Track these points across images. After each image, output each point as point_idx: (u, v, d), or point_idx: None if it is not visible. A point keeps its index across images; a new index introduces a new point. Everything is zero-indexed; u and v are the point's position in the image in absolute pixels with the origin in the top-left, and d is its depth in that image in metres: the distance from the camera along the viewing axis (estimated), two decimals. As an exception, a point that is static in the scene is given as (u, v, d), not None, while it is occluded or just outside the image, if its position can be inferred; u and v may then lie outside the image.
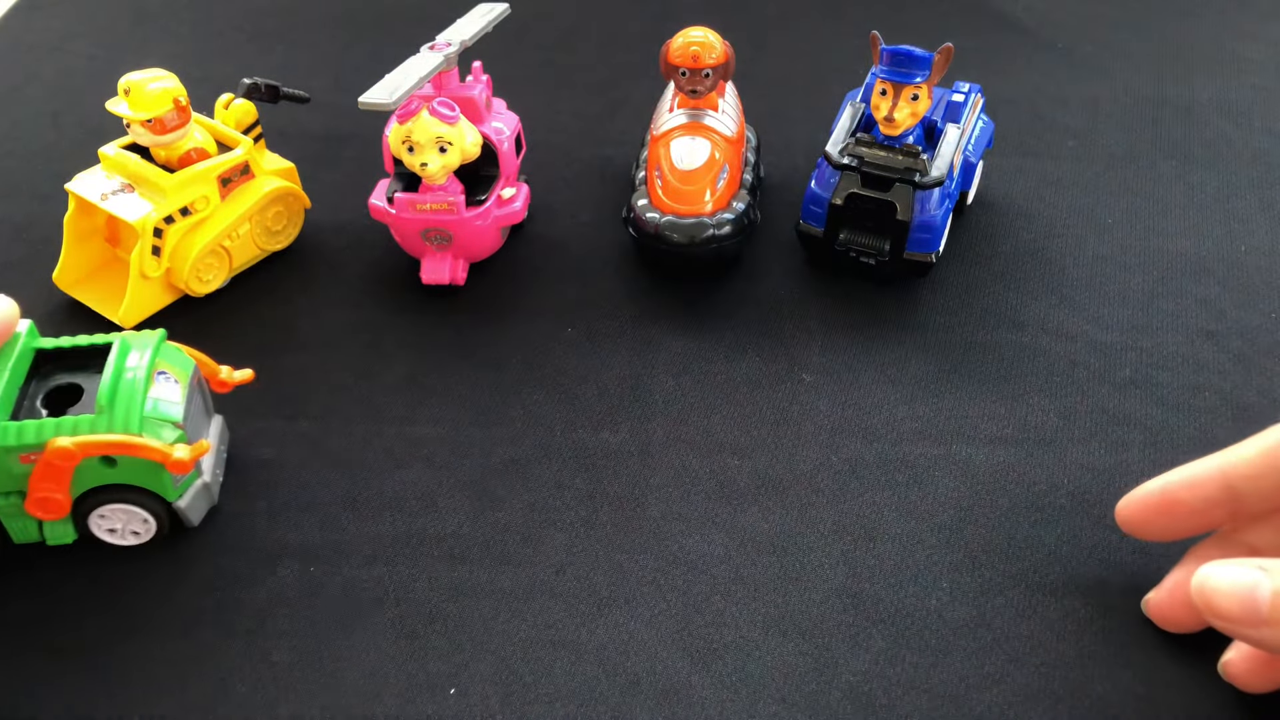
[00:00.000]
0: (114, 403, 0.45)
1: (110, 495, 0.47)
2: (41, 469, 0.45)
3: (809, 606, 0.46)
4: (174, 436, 0.46)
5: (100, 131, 0.63)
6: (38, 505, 0.46)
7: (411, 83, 0.55)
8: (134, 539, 0.48)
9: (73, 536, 0.48)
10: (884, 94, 0.56)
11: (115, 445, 0.45)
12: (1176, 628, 0.45)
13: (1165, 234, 0.65)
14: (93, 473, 0.46)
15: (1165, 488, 0.44)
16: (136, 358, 0.47)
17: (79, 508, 0.47)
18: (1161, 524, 0.45)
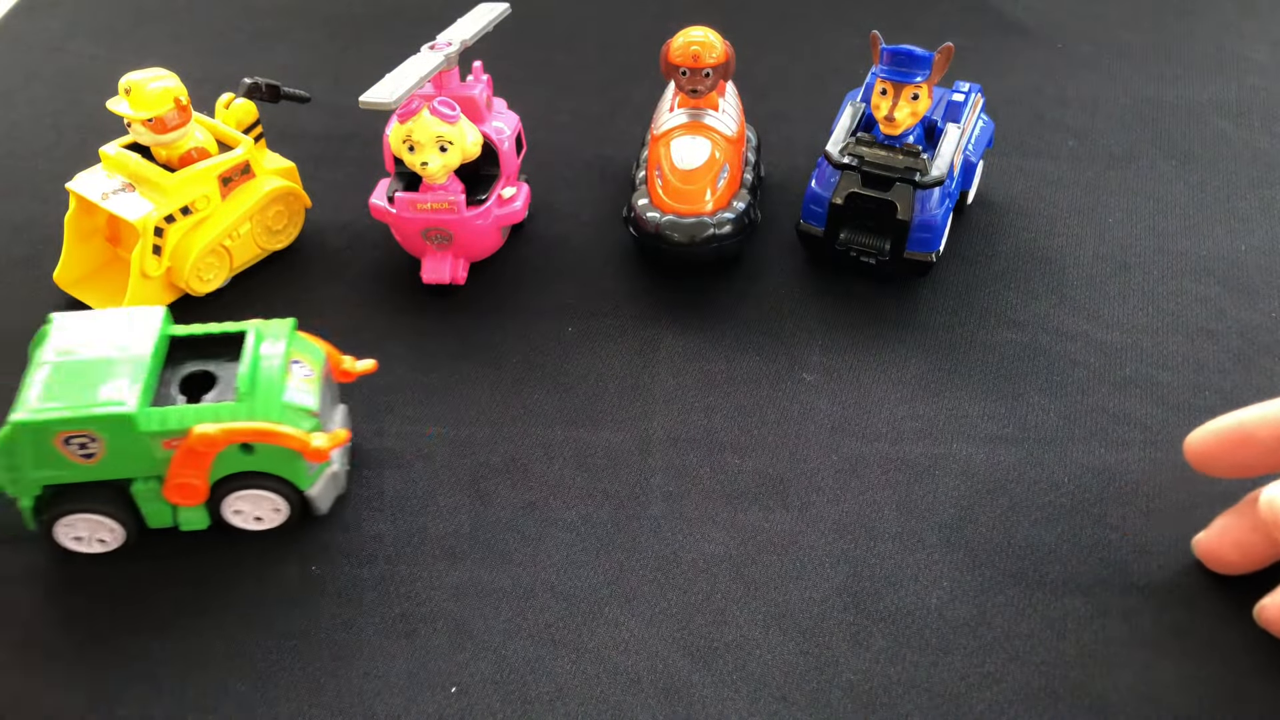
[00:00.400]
0: (254, 391, 0.46)
1: (245, 482, 0.47)
2: (183, 455, 0.45)
3: (809, 605, 0.46)
4: (310, 425, 0.47)
5: (100, 131, 0.63)
6: (176, 491, 0.46)
7: (412, 82, 0.55)
8: (256, 524, 0.49)
9: (206, 522, 0.48)
10: (884, 93, 0.56)
11: (257, 433, 0.45)
12: (1225, 568, 0.46)
13: (1165, 234, 0.65)
14: (231, 460, 0.46)
15: (1241, 422, 0.45)
16: (271, 346, 0.48)
17: (214, 494, 0.47)
18: (1234, 458, 0.45)
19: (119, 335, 0.47)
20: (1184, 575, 0.47)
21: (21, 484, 0.46)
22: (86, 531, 0.47)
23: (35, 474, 0.45)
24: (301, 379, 0.48)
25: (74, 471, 0.45)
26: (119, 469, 0.46)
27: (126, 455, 0.45)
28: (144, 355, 0.46)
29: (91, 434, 0.44)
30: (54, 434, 0.44)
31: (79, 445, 0.44)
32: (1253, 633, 0.45)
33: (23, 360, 0.58)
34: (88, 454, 0.45)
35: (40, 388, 0.45)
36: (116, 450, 0.45)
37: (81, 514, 0.46)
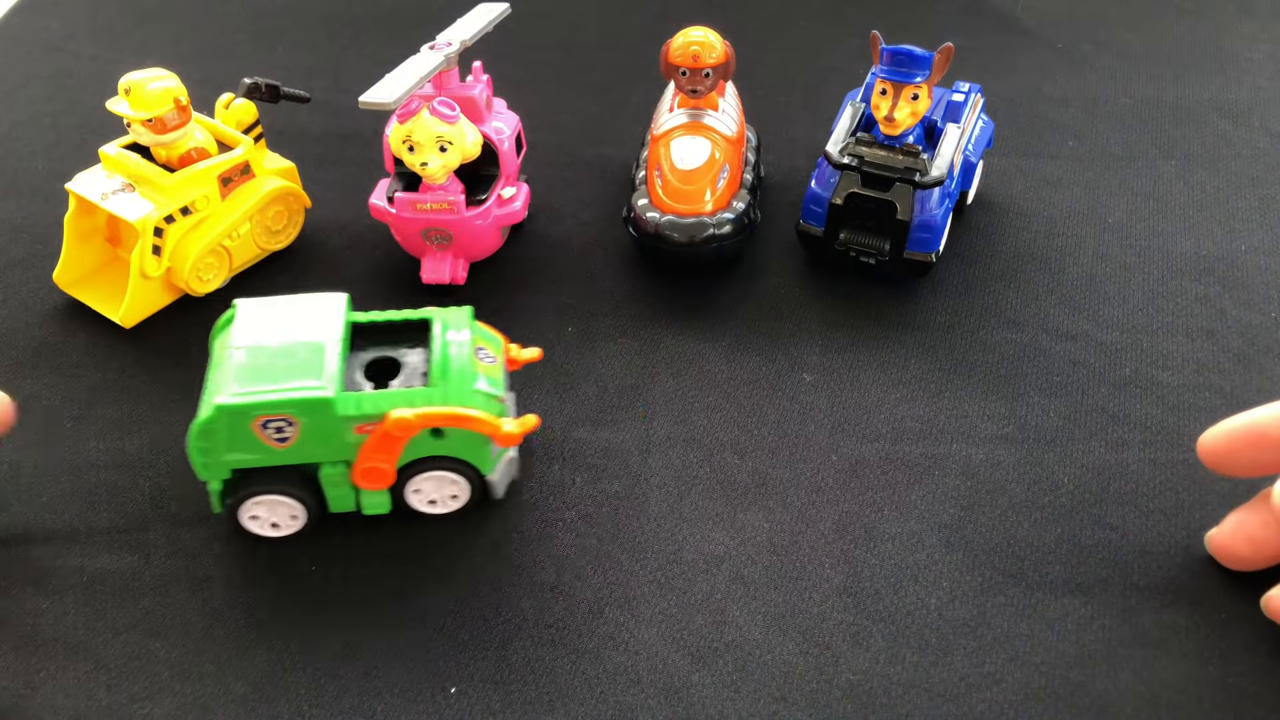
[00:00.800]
0: (446, 376, 0.46)
1: (429, 467, 0.47)
2: (378, 440, 0.45)
3: (809, 606, 0.46)
4: (498, 411, 0.47)
5: (100, 131, 0.63)
6: (365, 475, 0.47)
7: (412, 82, 0.55)
8: (430, 508, 0.49)
9: (389, 506, 0.49)
10: (884, 94, 0.56)
11: (452, 418, 0.45)
12: (1238, 564, 0.46)
13: (1165, 234, 0.65)
14: (420, 444, 0.47)
15: (1254, 421, 0.45)
16: (457, 334, 0.48)
17: (399, 478, 0.48)
18: (1247, 457, 0.45)
19: (306, 321, 0.47)
20: (1184, 575, 0.47)
21: (213, 467, 0.46)
22: (267, 514, 0.48)
23: (228, 457, 0.46)
24: (488, 365, 0.48)
25: (266, 455, 0.46)
26: (309, 453, 0.46)
27: (319, 439, 0.45)
28: (335, 341, 0.46)
29: (289, 418, 0.44)
30: (253, 417, 0.44)
31: (275, 429, 0.45)
32: (1253, 633, 0.45)
33: (22, 359, 0.58)
34: (282, 437, 0.45)
35: (238, 372, 0.45)
36: (310, 434, 0.45)
37: (270, 496, 0.47)
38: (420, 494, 0.49)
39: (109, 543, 0.49)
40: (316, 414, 0.45)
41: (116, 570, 0.48)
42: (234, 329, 0.47)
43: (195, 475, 0.47)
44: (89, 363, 0.58)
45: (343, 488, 0.47)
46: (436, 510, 0.49)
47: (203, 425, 0.45)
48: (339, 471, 0.47)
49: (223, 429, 0.45)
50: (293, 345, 0.46)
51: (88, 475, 0.52)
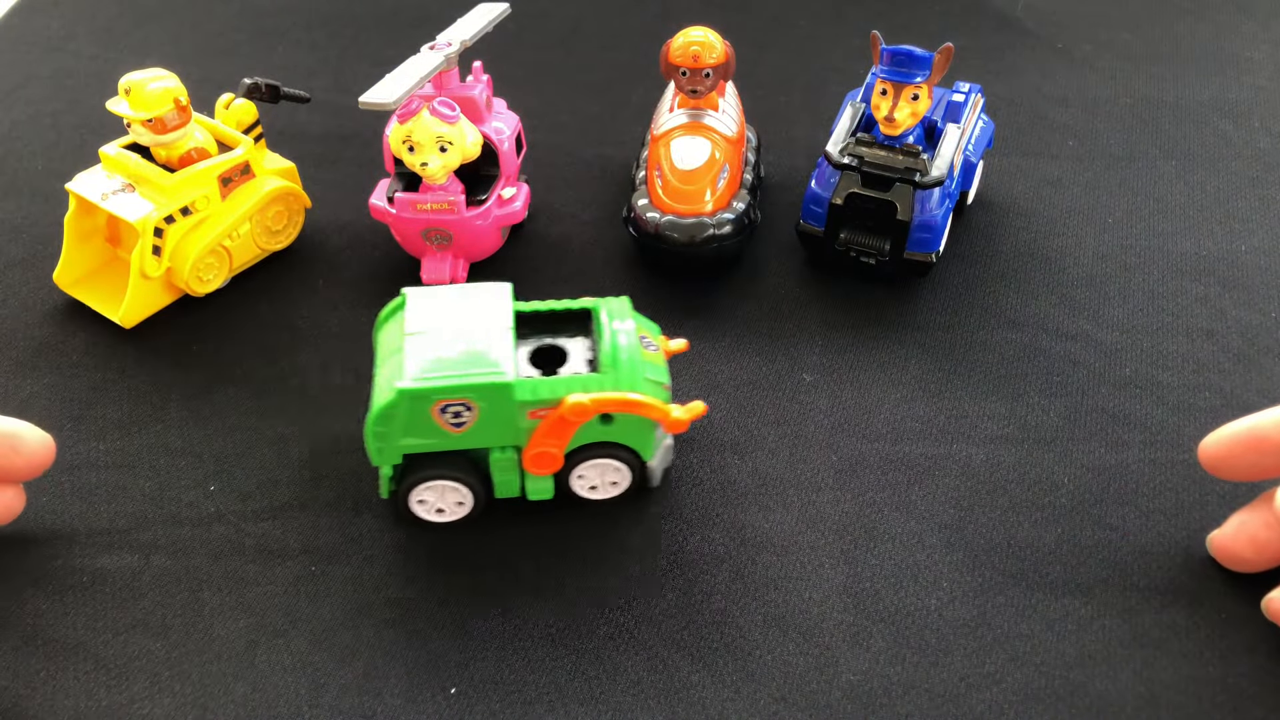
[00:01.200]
0: (616, 363, 0.47)
1: (594, 454, 0.48)
2: (551, 425, 0.46)
3: (809, 606, 0.46)
4: (664, 398, 0.48)
5: (100, 131, 0.63)
6: (535, 460, 0.47)
7: (412, 82, 0.55)
8: (591, 493, 0.50)
9: (552, 492, 0.49)
10: (884, 94, 0.56)
11: (625, 404, 0.46)
12: (1240, 565, 0.46)
13: (1165, 234, 0.65)
14: (589, 430, 0.47)
15: (1254, 426, 0.45)
16: (621, 322, 0.49)
17: (565, 464, 0.48)
18: (1247, 461, 0.45)
19: (475, 309, 0.48)
20: (1184, 575, 0.47)
21: (387, 452, 0.47)
22: (435, 499, 0.48)
23: (402, 442, 0.46)
24: (651, 353, 0.49)
25: (440, 440, 0.46)
26: (481, 438, 0.47)
27: (493, 424, 0.46)
28: (506, 329, 0.47)
29: (469, 402, 0.45)
30: (434, 402, 0.45)
31: (453, 414, 0.45)
32: (1253, 633, 0.45)
33: (22, 359, 0.58)
34: (459, 422, 0.46)
35: (416, 358, 0.45)
36: (486, 419, 0.46)
37: (441, 481, 0.47)
38: (583, 480, 0.49)
39: (109, 543, 0.49)
40: (495, 399, 0.45)
41: (116, 570, 0.48)
42: (407, 316, 0.48)
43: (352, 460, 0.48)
44: (89, 363, 0.58)
45: (510, 473, 0.48)
46: (596, 496, 0.50)
47: (383, 410, 0.45)
48: (508, 457, 0.47)
49: (402, 414, 0.45)
50: (467, 332, 0.47)
51: (88, 475, 0.52)
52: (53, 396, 0.56)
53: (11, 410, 0.55)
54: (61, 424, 0.54)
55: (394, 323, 0.49)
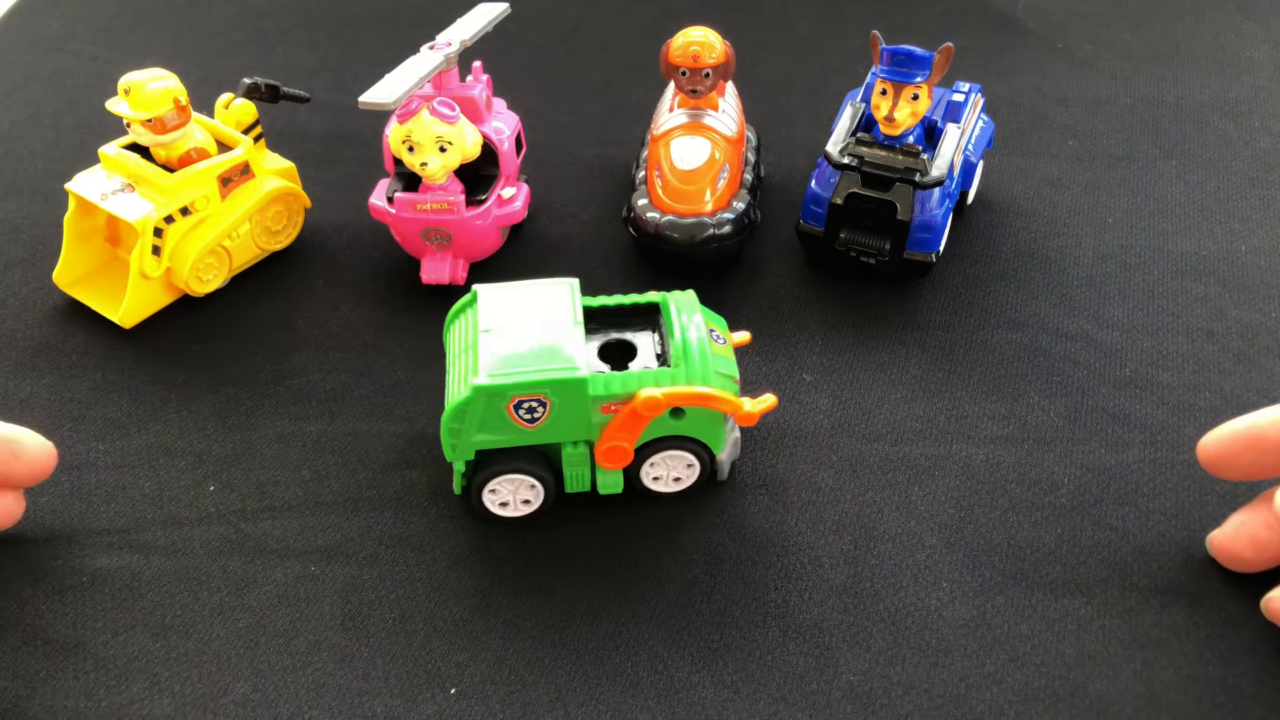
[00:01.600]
0: (688, 358, 0.47)
1: (664, 447, 0.48)
2: (623, 419, 0.46)
3: (809, 606, 0.46)
4: (734, 391, 0.48)
5: (100, 131, 0.63)
6: (607, 455, 0.48)
7: (412, 82, 0.55)
8: (656, 485, 0.50)
9: (621, 486, 0.49)
10: (884, 94, 0.56)
11: (698, 398, 0.46)
12: (1241, 565, 0.46)
13: (1165, 234, 0.65)
14: (660, 424, 0.47)
15: (1253, 425, 0.45)
16: (689, 317, 0.49)
17: (635, 458, 0.48)
18: (1246, 460, 0.45)
19: (546, 305, 0.48)
20: (1184, 575, 0.47)
21: (461, 448, 0.47)
22: (507, 493, 0.48)
23: (476, 438, 0.46)
24: (720, 347, 0.49)
25: (513, 435, 0.47)
26: (554, 433, 0.47)
27: (566, 419, 0.46)
28: (577, 324, 0.47)
29: (543, 398, 0.45)
30: (509, 398, 0.45)
31: (528, 410, 0.46)
32: (1253, 633, 0.45)
33: (21, 358, 0.58)
34: (533, 418, 0.46)
35: (491, 354, 0.46)
36: (559, 415, 0.46)
37: (515, 476, 0.48)
38: (653, 473, 0.49)
39: (109, 543, 0.49)
40: (569, 395, 0.45)
41: (116, 570, 0.48)
42: (479, 313, 0.48)
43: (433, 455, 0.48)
44: (89, 363, 0.58)
45: (581, 467, 0.48)
46: (666, 489, 0.50)
47: (459, 406, 0.46)
48: (580, 452, 0.48)
49: (477, 410, 0.45)
50: (539, 328, 0.47)
51: (88, 475, 0.52)
52: (52, 397, 0.56)
53: (11, 410, 0.55)
54: (61, 424, 0.54)
55: (464, 319, 0.49)
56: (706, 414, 0.47)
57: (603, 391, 0.46)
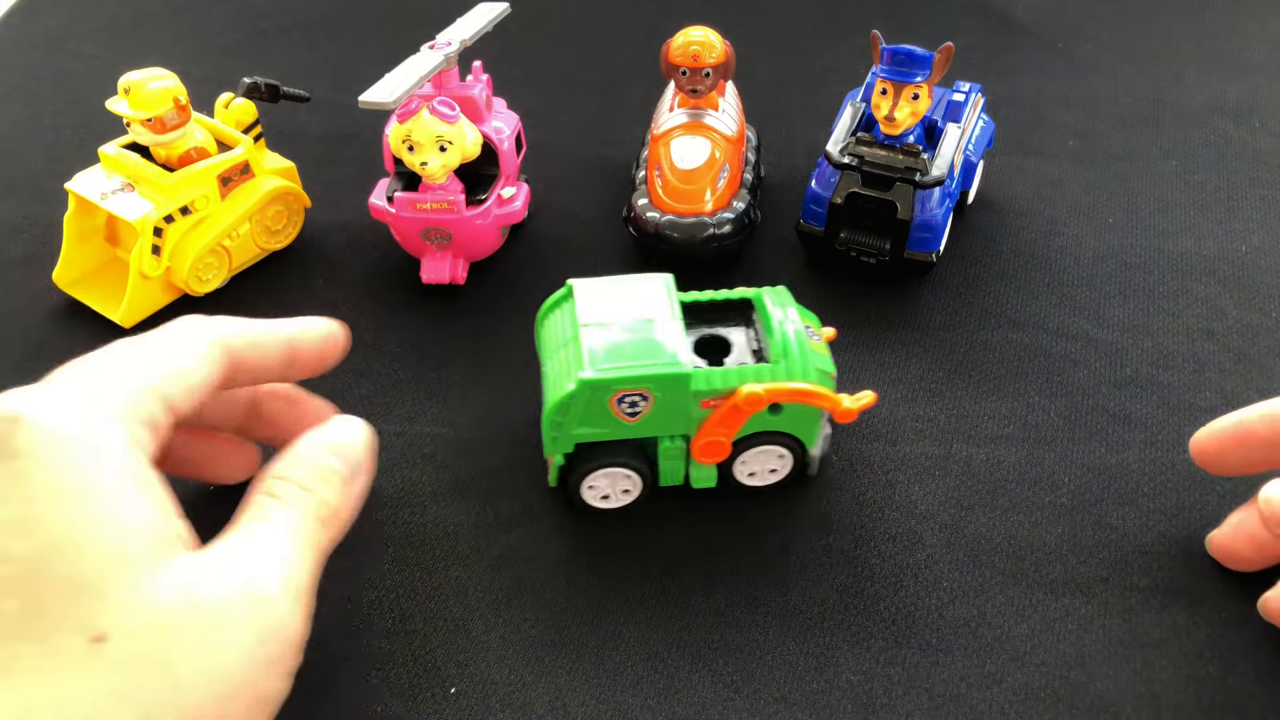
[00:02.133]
0: (787, 353, 0.47)
1: (760, 442, 0.48)
2: (724, 414, 0.46)
3: (809, 605, 0.46)
4: (832, 387, 0.48)
5: (99, 131, 0.63)
6: (704, 449, 0.48)
7: (412, 82, 0.55)
8: (751, 480, 0.50)
9: (715, 480, 0.49)
10: (884, 93, 0.56)
11: (799, 394, 0.46)
12: (1239, 564, 0.47)
13: (1165, 234, 0.65)
14: (757, 420, 0.47)
15: (1241, 420, 0.45)
16: (784, 312, 0.49)
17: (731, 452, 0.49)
18: (1238, 455, 0.46)
19: (643, 301, 0.48)
20: (1184, 575, 0.47)
21: (561, 441, 0.47)
22: (604, 487, 0.49)
23: (577, 431, 0.46)
24: (815, 343, 0.49)
25: (613, 429, 0.47)
26: (653, 427, 0.47)
27: (666, 414, 0.46)
28: (676, 319, 0.47)
29: (645, 393, 0.45)
30: (613, 392, 0.45)
31: (630, 404, 0.46)
32: (1253, 633, 0.45)
33: (19, 358, 0.58)
34: (634, 412, 0.46)
35: (593, 349, 0.46)
36: (661, 409, 0.46)
37: (614, 469, 0.48)
38: (746, 467, 0.49)
39: (109, 543, 0.49)
40: (672, 389, 0.45)
41: (116, 570, 0.48)
42: (578, 308, 0.48)
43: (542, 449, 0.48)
44: (89, 362, 0.57)
45: (677, 461, 0.48)
46: (757, 483, 0.50)
47: (563, 400, 0.45)
48: (677, 446, 0.48)
49: (581, 404, 0.45)
50: (640, 324, 0.47)
51: (87, 475, 0.52)
52: (52, 396, 0.56)
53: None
54: (61, 424, 0.54)
55: (560, 314, 0.49)
56: (804, 410, 0.47)
57: (705, 387, 0.46)
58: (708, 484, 0.49)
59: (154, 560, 0.33)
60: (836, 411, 0.47)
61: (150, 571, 0.33)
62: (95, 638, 0.31)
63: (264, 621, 0.34)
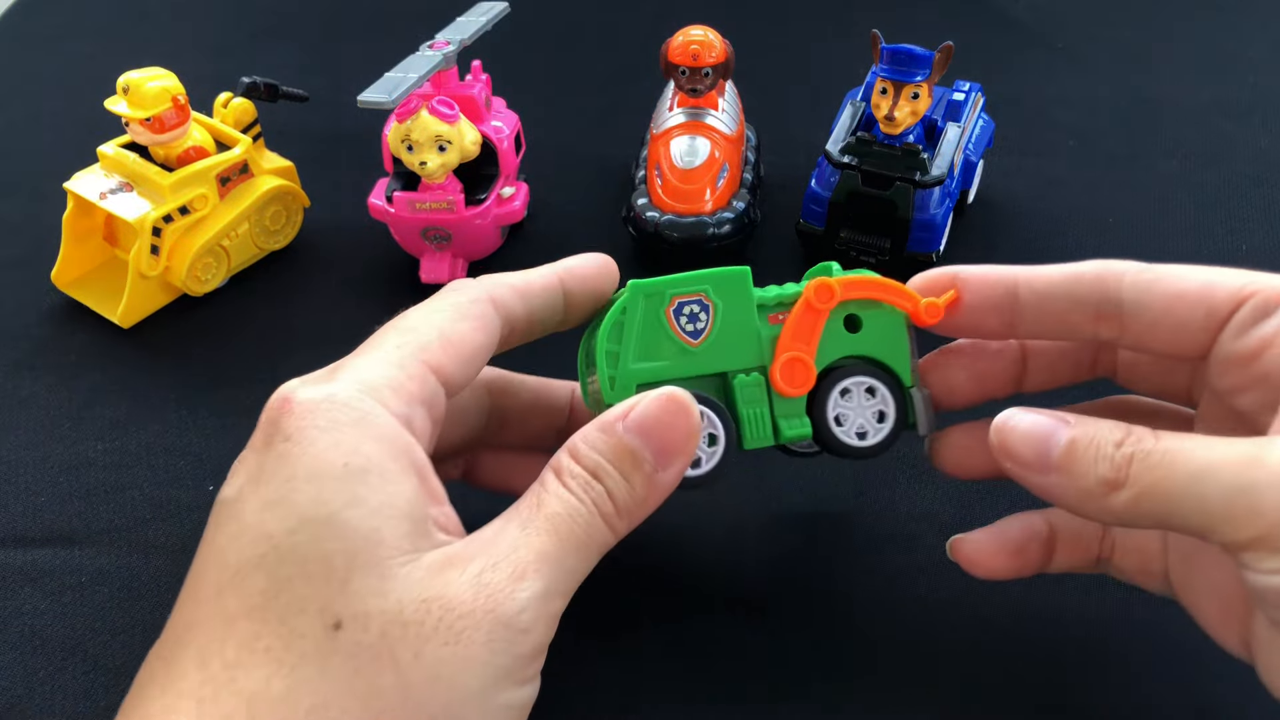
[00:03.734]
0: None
1: (846, 374, 0.42)
2: (797, 318, 0.42)
3: (810, 605, 0.46)
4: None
5: (99, 130, 0.63)
6: (785, 371, 0.41)
7: (411, 81, 0.55)
8: (859, 441, 0.42)
9: (808, 428, 0.42)
10: (884, 93, 0.56)
11: (871, 285, 0.42)
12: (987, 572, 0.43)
13: (1165, 234, 0.65)
14: (835, 340, 0.42)
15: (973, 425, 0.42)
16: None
17: (817, 389, 0.42)
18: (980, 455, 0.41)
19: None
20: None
21: (621, 381, 0.41)
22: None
23: (635, 366, 0.41)
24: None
25: (676, 361, 0.41)
26: (719, 357, 0.41)
27: (732, 333, 0.41)
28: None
29: (704, 298, 0.41)
30: (669, 299, 0.41)
31: (689, 318, 0.41)
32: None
33: (21, 359, 0.58)
34: (695, 330, 0.41)
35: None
36: (724, 325, 0.41)
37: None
38: (844, 419, 0.42)
39: (109, 543, 0.49)
40: (732, 293, 0.41)
41: (116, 570, 0.48)
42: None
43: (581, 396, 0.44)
44: (88, 363, 0.57)
45: (759, 404, 0.42)
46: (865, 443, 0.42)
47: (614, 317, 0.40)
48: (754, 380, 0.42)
49: (635, 318, 0.40)
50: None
51: (88, 475, 0.52)
52: (51, 396, 0.56)
53: (10, 409, 0.55)
54: (60, 424, 0.54)
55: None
56: (886, 326, 0.43)
57: (770, 295, 0.42)
58: (802, 432, 0.42)
59: (405, 549, 0.32)
60: (917, 313, 0.42)
61: (399, 561, 0.32)
62: (333, 624, 0.31)
63: (501, 633, 0.32)
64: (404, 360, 0.36)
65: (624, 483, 0.35)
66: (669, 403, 0.36)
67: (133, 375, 0.57)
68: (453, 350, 0.37)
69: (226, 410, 0.55)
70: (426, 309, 0.38)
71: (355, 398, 0.34)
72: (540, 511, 0.34)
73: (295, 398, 0.34)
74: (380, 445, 0.33)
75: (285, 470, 0.32)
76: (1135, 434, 0.33)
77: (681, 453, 0.36)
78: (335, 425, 0.33)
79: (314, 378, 0.36)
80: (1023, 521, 0.43)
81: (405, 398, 0.35)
